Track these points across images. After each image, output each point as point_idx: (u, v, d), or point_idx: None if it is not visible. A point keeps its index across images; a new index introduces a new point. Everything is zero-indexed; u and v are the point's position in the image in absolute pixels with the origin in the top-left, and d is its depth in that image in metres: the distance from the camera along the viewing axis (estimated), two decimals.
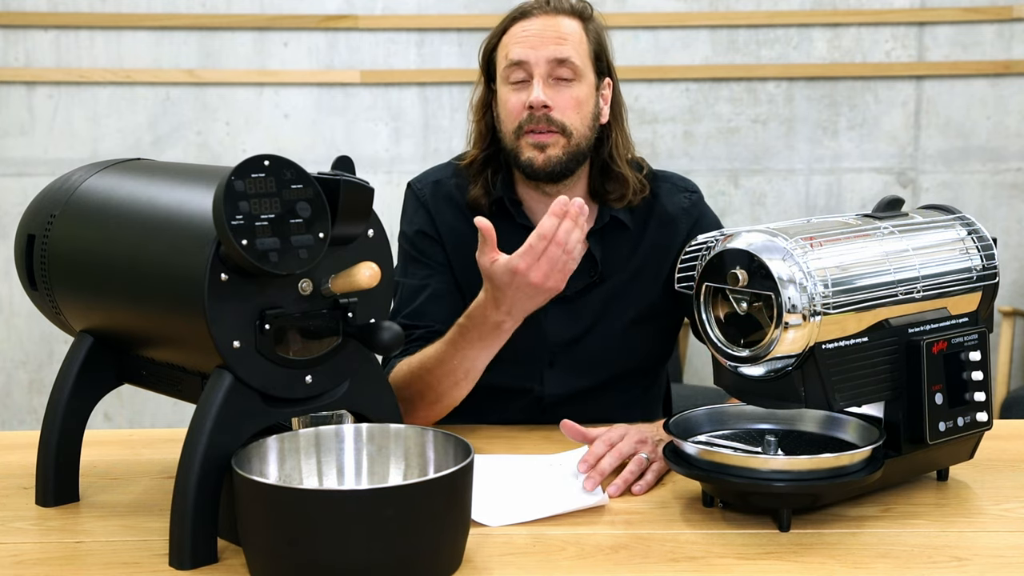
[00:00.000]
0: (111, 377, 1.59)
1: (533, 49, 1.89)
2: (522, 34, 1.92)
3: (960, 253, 1.61)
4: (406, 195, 2.07)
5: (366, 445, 1.44)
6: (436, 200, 2.02)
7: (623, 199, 1.97)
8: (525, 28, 1.92)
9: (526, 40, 1.91)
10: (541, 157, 1.90)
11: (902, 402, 1.54)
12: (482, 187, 1.98)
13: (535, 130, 1.89)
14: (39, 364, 3.95)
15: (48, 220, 1.59)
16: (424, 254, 2.01)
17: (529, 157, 1.90)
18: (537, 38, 1.90)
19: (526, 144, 1.90)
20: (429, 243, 2.01)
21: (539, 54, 1.89)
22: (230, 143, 3.88)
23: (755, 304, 1.49)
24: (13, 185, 3.88)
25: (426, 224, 2.02)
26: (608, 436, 1.67)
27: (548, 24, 1.92)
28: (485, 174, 1.98)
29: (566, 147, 1.90)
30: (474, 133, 2.02)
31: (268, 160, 1.32)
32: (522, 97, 1.90)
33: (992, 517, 1.53)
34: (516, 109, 1.90)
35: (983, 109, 3.90)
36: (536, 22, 1.92)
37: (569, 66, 1.89)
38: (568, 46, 1.90)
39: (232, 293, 1.32)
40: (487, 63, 1.98)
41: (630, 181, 1.97)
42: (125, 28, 3.84)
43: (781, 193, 3.93)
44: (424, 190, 2.03)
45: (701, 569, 1.36)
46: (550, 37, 1.90)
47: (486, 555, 1.39)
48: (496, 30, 1.97)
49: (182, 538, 1.34)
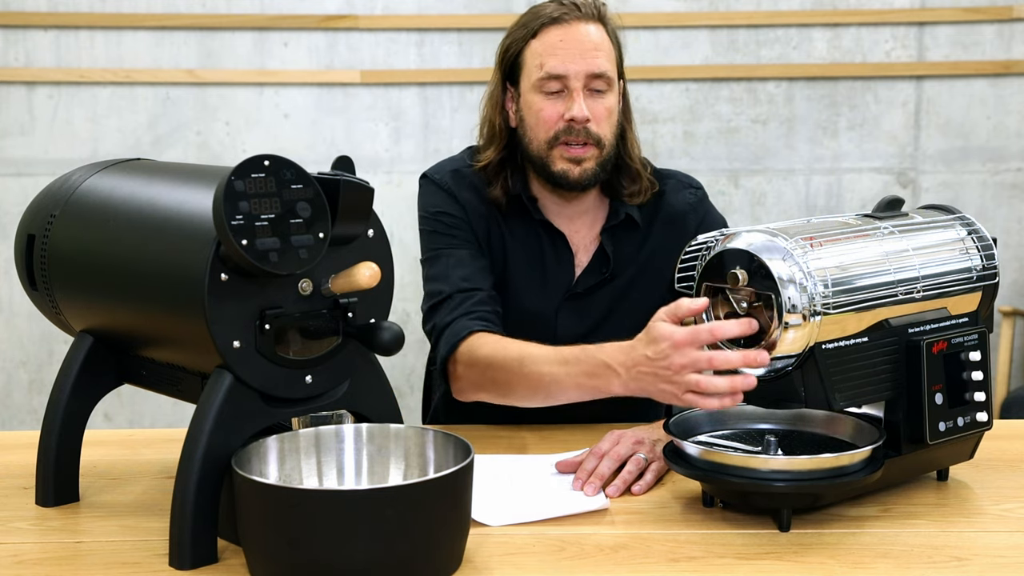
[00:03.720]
0: (111, 377, 1.59)
1: (572, 63, 1.89)
2: (559, 44, 1.90)
3: (960, 253, 1.61)
4: (423, 185, 2.05)
5: (366, 445, 1.44)
6: (458, 186, 2.02)
7: (637, 195, 1.98)
8: (561, 38, 1.91)
9: (564, 52, 1.90)
10: (577, 170, 1.91)
11: (902, 402, 1.54)
12: (501, 188, 1.98)
13: (572, 143, 1.89)
14: (39, 364, 3.95)
15: (48, 220, 1.59)
16: (454, 228, 1.99)
17: (563, 169, 1.91)
18: (575, 51, 1.89)
19: (560, 156, 1.91)
20: (456, 220, 1.99)
21: (578, 68, 1.89)
22: (230, 143, 3.88)
23: (755, 304, 1.49)
24: (13, 185, 3.87)
25: (449, 205, 2.00)
26: (597, 449, 1.67)
27: (582, 34, 1.91)
28: (504, 175, 1.98)
29: (598, 158, 1.91)
30: (488, 133, 2.02)
31: (268, 160, 1.32)
32: (558, 108, 1.90)
33: (992, 517, 1.53)
34: (551, 119, 1.90)
35: (983, 109, 3.90)
36: (570, 31, 1.91)
37: (604, 79, 1.90)
38: (603, 57, 1.90)
39: (232, 293, 1.32)
40: (508, 63, 1.97)
41: (643, 177, 1.98)
42: (125, 28, 3.84)
43: (781, 193, 3.93)
44: (444, 178, 2.03)
45: (701, 569, 1.36)
46: (588, 49, 1.90)
47: (486, 555, 1.39)
48: (522, 33, 1.95)
49: (182, 538, 1.34)
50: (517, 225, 1.99)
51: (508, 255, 1.99)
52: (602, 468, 1.62)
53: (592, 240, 2.00)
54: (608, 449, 1.65)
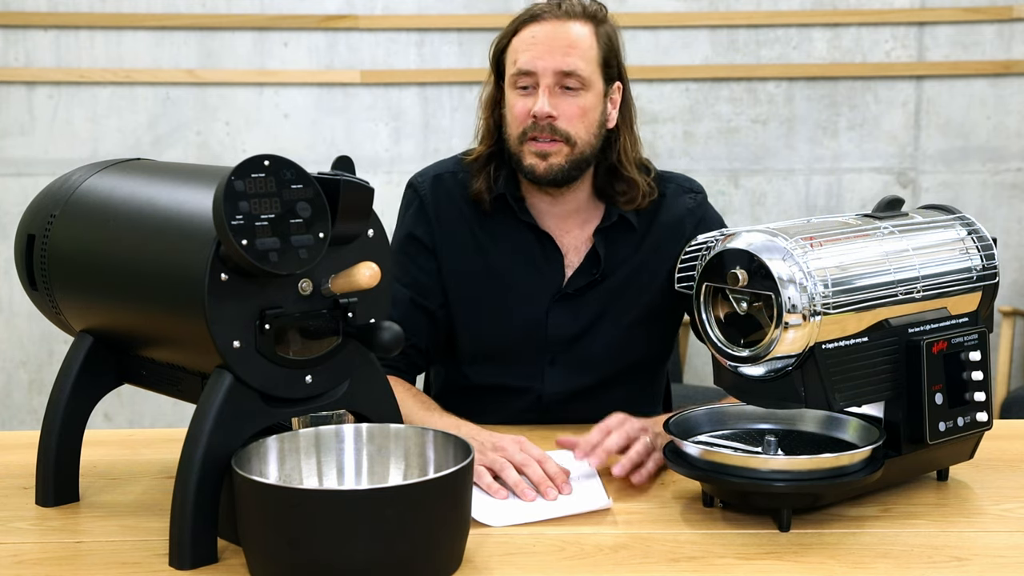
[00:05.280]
0: (111, 377, 1.59)
1: (540, 59, 1.88)
2: (531, 40, 1.90)
3: (960, 253, 1.61)
4: (404, 194, 2.06)
5: (366, 445, 1.44)
6: (436, 195, 2.02)
7: (632, 202, 1.97)
8: (534, 34, 1.90)
9: (534, 48, 1.89)
10: (543, 165, 1.90)
11: (902, 402, 1.54)
12: (484, 181, 1.98)
13: (538, 138, 1.89)
14: (39, 364, 3.95)
15: (48, 220, 1.59)
16: (415, 257, 2.00)
17: (531, 164, 1.91)
18: (545, 47, 1.89)
19: (528, 151, 1.91)
20: (418, 247, 2.01)
21: (546, 64, 1.88)
22: (230, 143, 3.88)
23: (755, 304, 1.49)
24: (13, 185, 3.88)
25: (419, 225, 2.01)
26: (605, 424, 1.68)
27: (557, 31, 1.90)
28: (488, 169, 1.98)
29: (569, 155, 1.90)
30: (482, 129, 2.02)
31: (268, 160, 1.32)
32: (528, 104, 1.90)
33: (992, 517, 1.53)
34: (521, 115, 1.90)
35: (983, 109, 3.90)
36: (545, 27, 1.90)
37: (576, 77, 1.88)
38: (575, 56, 1.89)
39: (232, 293, 1.32)
40: (497, 62, 1.98)
41: (639, 184, 1.96)
42: (125, 28, 3.84)
43: (781, 193, 3.93)
44: (424, 185, 2.03)
45: (701, 569, 1.36)
46: (558, 47, 1.88)
47: (486, 555, 1.39)
48: (507, 30, 1.95)
49: (182, 538, 1.34)
50: (503, 226, 1.99)
51: (492, 257, 1.99)
52: (611, 442, 1.63)
53: (585, 241, 1.99)
54: (615, 426, 1.66)
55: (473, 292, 1.89)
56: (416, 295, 1.97)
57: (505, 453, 1.64)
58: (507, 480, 1.60)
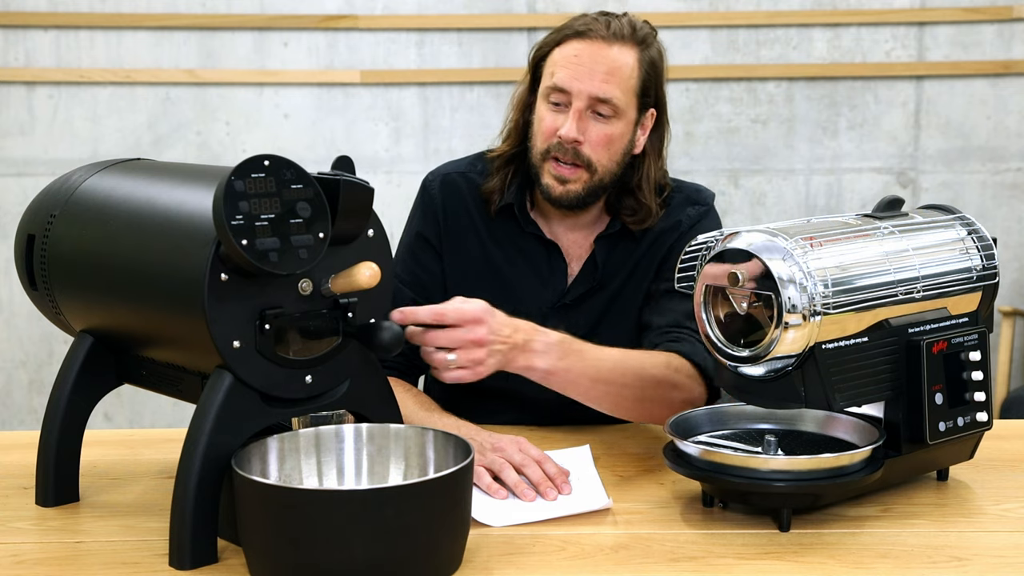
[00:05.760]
0: (111, 377, 1.59)
1: (577, 80, 1.86)
2: (572, 58, 1.87)
3: (960, 253, 1.61)
4: (419, 192, 2.07)
5: (366, 445, 1.44)
6: (444, 195, 2.02)
7: (640, 223, 1.96)
8: (577, 52, 1.87)
9: (573, 67, 1.86)
10: (560, 189, 1.90)
11: (902, 402, 1.54)
12: (499, 181, 1.98)
13: (560, 159, 1.88)
14: (39, 364, 3.95)
15: (48, 220, 1.59)
16: (420, 255, 2.01)
17: (548, 184, 1.90)
18: (585, 68, 1.86)
19: (548, 171, 1.90)
20: (425, 247, 2.01)
21: (581, 87, 1.85)
22: (230, 143, 3.88)
23: (755, 304, 1.49)
24: (13, 185, 3.87)
25: (428, 225, 2.02)
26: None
27: (600, 54, 1.87)
28: (506, 171, 1.98)
29: (587, 183, 1.89)
30: (510, 127, 2.01)
31: (268, 160, 1.32)
32: (556, 122, 1.88)
33: (992, 517, 1.53)
34: (548, 131, 1.89)
35: (983, 109, 3.90)
36: (590, 48, 1.87)
37: (609, 105, 1.86)
38: (613, 84, 1.86)
39: (232, 293, 1.32)
40: (534, 65, 1.96)
41: (652, 209, 1.96)
42: (125, 28, 3.84)
43: (781, 193, 3.93)
44: (434, 184, 2.04)
45: (701, 569, 1.36)
46: (598, 71, 1.86)
47: (486, 555, 1.39)
48: (551, 38, 1.93)
49: (182, 538, 1.34)
50: (510, 231, 1.99)
51: (497, 261, 1.99)
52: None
53: (587, 249, 1.99)
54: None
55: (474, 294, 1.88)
56: (418, 295, 1.97)
57: (504, 454, 1.63)
58: (507, 481, 1.59)
